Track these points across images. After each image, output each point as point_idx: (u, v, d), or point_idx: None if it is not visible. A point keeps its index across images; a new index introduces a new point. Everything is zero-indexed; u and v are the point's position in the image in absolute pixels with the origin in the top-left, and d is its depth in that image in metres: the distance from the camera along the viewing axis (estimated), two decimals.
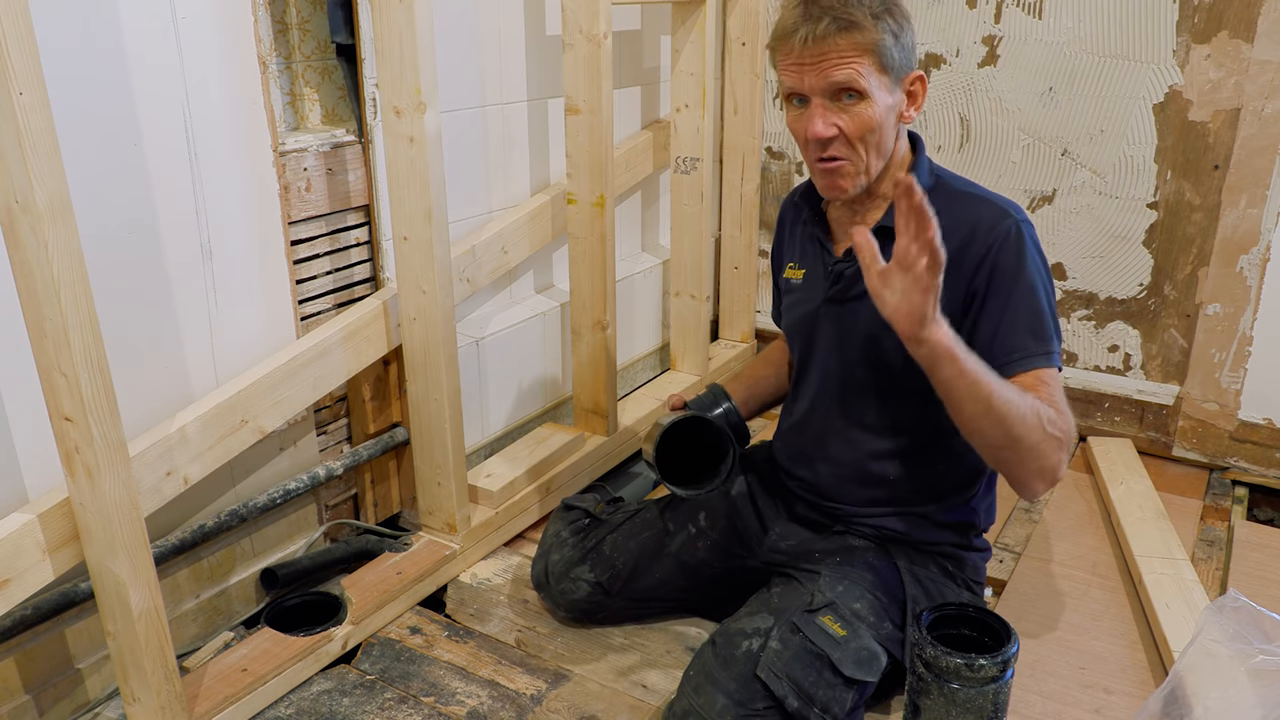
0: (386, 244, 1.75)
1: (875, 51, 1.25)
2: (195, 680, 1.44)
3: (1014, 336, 1.28)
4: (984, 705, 1.23)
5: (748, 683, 1.28)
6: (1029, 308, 1.28)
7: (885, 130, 1.30)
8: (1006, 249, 1.28)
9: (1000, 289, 1.29)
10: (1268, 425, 2.10)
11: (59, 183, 1.06)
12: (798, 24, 1.26)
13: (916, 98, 1.33)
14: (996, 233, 1.29)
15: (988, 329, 1.29)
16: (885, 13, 1.26)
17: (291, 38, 1.61)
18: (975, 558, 1.50)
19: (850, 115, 1.27)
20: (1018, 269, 1.28)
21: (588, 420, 2.12)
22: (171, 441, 1.40)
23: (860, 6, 1.25)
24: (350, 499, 1.87)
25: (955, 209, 1.31)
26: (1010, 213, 1.31)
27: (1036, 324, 1.28)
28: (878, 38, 1.25)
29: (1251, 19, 1.93)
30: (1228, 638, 1.26)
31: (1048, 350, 1.28)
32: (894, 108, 1.30)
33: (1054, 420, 1.23)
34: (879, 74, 1.27)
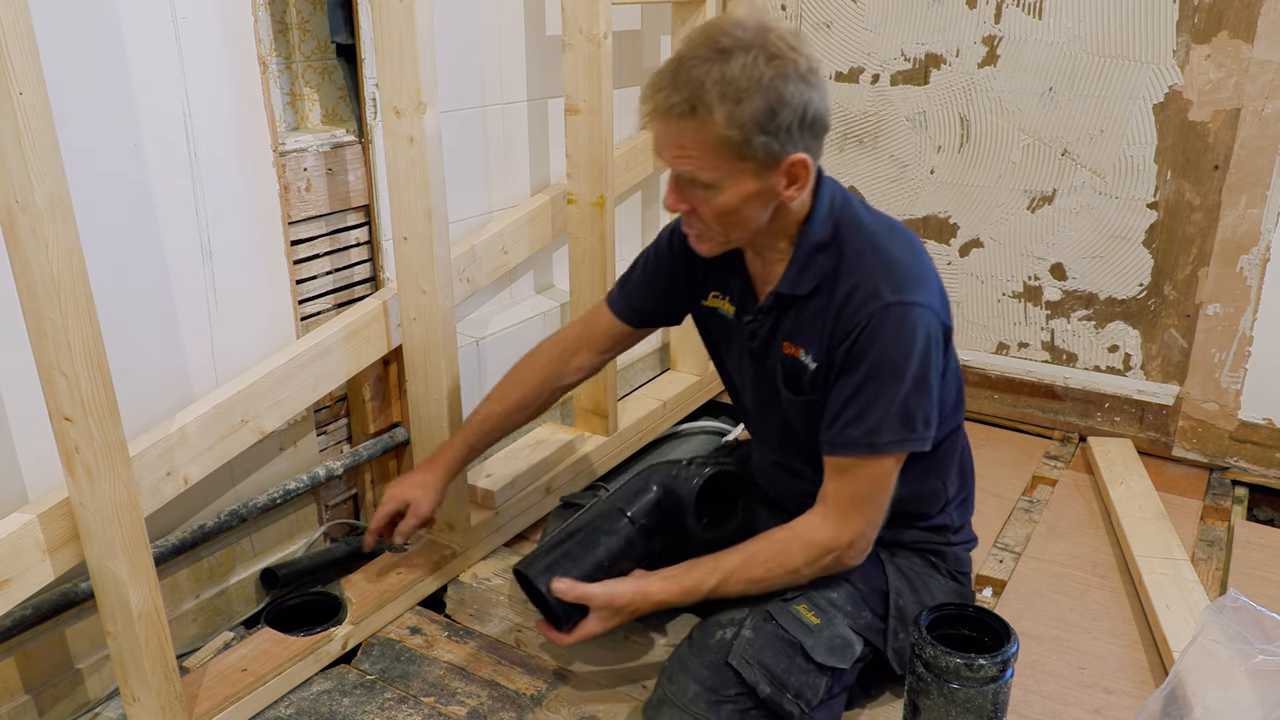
0: (386, 244, 1.75)
1: (724, 144, 1.15)
2: (195, 680, 1.44)
3: (841, 421, 1.27)
4: (984, 705, 1.23)
5: (720, 670, 1.29)
6: (867, 394, 1.24)
7: (747, 213, 1.23)
8: (865, 333, 1.24)
9: (849, 369, 1.26)
10: (1268, 425, 2.10)
11: (59, 183, 1.06)
12: (651, 90, 1.17)
13: (799, 178, 1.22)
14: (862, 313, 1.24)
15: (831, 404, 1.29)
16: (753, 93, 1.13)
17: (291, 38, 1.61)
18: (957, 550, 1.51)
19: (698, 201, 1.22)
20: (867, 354, 1.24)
21: (588, 420, 2.12)
22: (171, 441, 1.40)
23: (718, 87, 1.13)
24: (350, 499, 1.87)
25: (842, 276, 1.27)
26: (884, 293, 1.23)
27: (866, 413, 1.25)
28: (725, 134, 1.14)
29: (1251, 19, 1.93)
30: (1228, 638, 1.26)
31: (870, 442, 1.25)
32: (762, 193, 1.21)
33: (802, 564, 1.30)
34: (734, 161, 1.17)
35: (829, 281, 1.29)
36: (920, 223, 2.42)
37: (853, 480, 1.28)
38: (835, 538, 1.29)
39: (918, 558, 1.46)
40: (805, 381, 1.34)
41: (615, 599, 1.29)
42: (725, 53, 1.14)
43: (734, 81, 1.13)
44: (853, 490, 1.29)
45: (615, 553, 1.36)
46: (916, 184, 2.39)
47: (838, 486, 1.29)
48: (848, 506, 1.29)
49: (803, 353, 1.33)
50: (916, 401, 1.25)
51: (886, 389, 1.24)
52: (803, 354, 1.33)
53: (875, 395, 1.24)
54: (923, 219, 2.41)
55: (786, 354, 1.35)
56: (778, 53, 1.14)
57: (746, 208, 1.23)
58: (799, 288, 1.30)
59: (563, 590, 1.29)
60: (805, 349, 1.32)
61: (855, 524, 1.29)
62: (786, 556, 1.30)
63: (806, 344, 1.32)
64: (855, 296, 1.25)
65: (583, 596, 1.29)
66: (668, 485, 1.43)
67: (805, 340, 1.32)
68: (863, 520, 1.30)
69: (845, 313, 1.26)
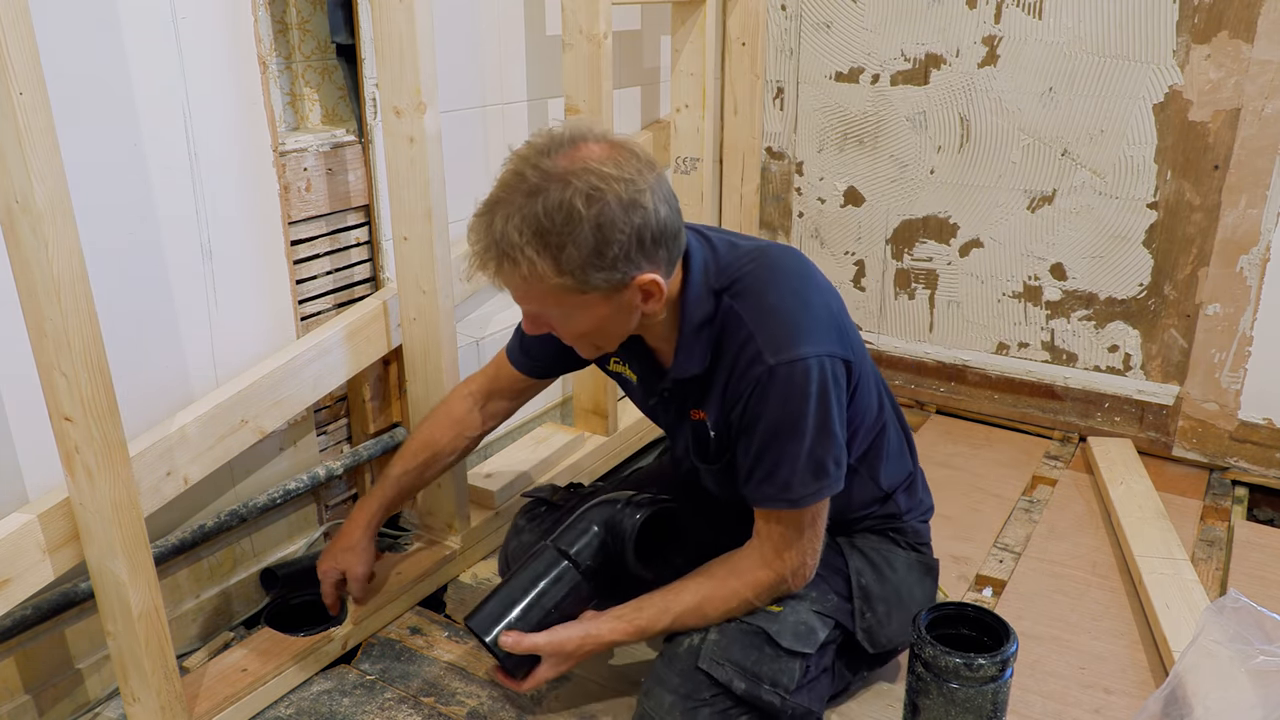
0: (386, 244, 1.75)
1: (559, 289, 1.11)
2: (195, 680, 1.44)
3: (754, 482, 1.27)
4: (983, 705, 1.23)
5: (691, 675, 1.29)
6: (772, 456, 1.24)
7: (609, 329, 1.21)
8: (754, 399, 1.23)
9: (748, 433, 1.26)
10: (1268, 425, 2.10)
11: (59, 183, 1.06)
12: (472, 242, 1.13)
13: (653, 294, 1.17)
14: (746, 381, 1.23)
15: (739, 464, 1.29)
16: (573, 237, 1.07)
17: (291, 38, 1.61)
18: (913, 522, 1.51)
19: (556, 325, 1.20)
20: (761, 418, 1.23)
21: (588, 420, 2.12)
22: (171, 441, 1.40)
23: (535, 241, 1.07)
24: (350, 499, 1.87)
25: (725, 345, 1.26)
26: (765, 357, 1.20)
27: (774, 474, 1.24)
28: (556, 281, 1.10)
29: (1251, 19, 1.93)
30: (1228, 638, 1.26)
31: (788, 498, 1.25)
32: (618, 310, 1.17)
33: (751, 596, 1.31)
34: (576, 296, 1.12)
35: (717, 351, 1.28)
36: (920, 223, 2.42)
37: (780, 525, 1.29)
38: (778, 575, 1.31)
39: (875, 536, 1.47)
40: (711, 450, 1.35)
41: (563, 645, 1.29)
42: (535, 193, 1.08)
43: (550, 231, 1.07)
44: (782, 533, 1.29)
45: (561, 599, 1.34)
46: (916, 184, 2.39)
47: (768, 530, 1.30)
48: (781, 545, 1.30)
49: (707, 417, 1.33)
50: (824, 450, 1.24)
51: (789, 448, 1.23)
52: (707, 419, 1.33)
53: (779, 455, 1.24)
54: (923, 219, 2.41)
55: (696, 419, 1.36)
56: (593, 185, 1.07)
57: (607, 325, 1.20)
58: (690, 368, 1.29)
59: (510, 644, 1.29)
60: (709, 414, 1.33)
61: (792, 558, 1.30)
62: (737, 595, 1.31)
63: (709, 409, 1.33)
64: (739, 361, 1.24)
65: (531, 648, 1.29)
66: (609, 524, 1.40)
67: (707, 407, 1.33)
68: (797, 554, 1.30)
69: (733, 378, 1.26)
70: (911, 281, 2.48)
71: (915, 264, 2.46)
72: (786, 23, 2.44)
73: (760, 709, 1.29)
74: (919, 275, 2.47)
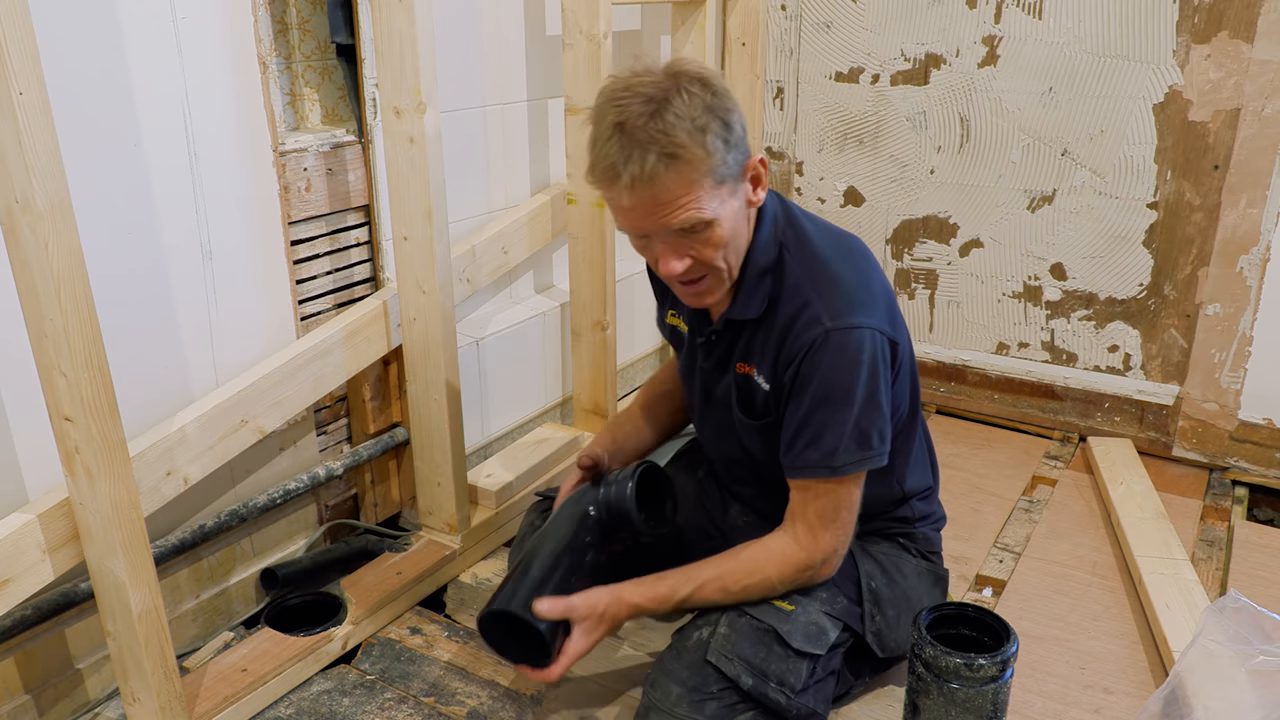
0: (386, 244, 1.75)
1: (708, 174, 1.15)
2: (195, 680, 1.44)
3: (798, 447, 1.28)
4: (984, 705, 1.23)
5: (700, 668, 1.29)
6: (819, 420, 1.26)
7: (739, 235, 1.25)
8: (808, 360, 1.25)
9: (798, 395, 1.27)
10: (1268, 425, 2.10)
11: (59, 183, 1.06)
12: (617, 164, 1.13)
13: (761, 179, 1.25)
14: (802, 341, 1.25)
15: (785, 429, 1.30)
16: (708, 116, 1.14)
17: (291, 38, 1.61)
18: (925, 530, 1.52)
19: (701, 243, 1.20)
20: (813, 380, 1.25)
21: (588, 420, 2.12)
22: (171, 441, 1.40)
23: (681, 124, 1.12)
24: (350, 499, 1.87)
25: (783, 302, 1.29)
26: (823, 319, 1.24)
27: (820, 438, 1.26)
28: (708, 161, 1.14)
29: (1251, 19, 1.93)
30: (1228, 638, 1.26)
31: (829, 465, 1.26)
32: (741, 208, 1.23)
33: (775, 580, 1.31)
34: (718, 188, 1.17)
35: (774, 304, 1.30)
36: (920, 223, 2.42)
37: (817, 500, 1.29)
38: (809, 557, 1.30)
39: (886, 541, 1.48)
40: (759, 403, 1.35)
41: (595, 605, 1.29)
42: (660, 100, 1.13)
43: (686, 118, 1.13)
44: (819, 510, 1.29)
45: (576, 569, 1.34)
46: (916, 184, 2.39)
47: (804, 506, 1.30)
48: (817, 525, 1.30)
49: (756, 372, 1.34)
50: (870, 421, 1.26)
51: (837, 413, 1.25)
52: (756, 374, 1.34)
53: (827, 420, 1.25)
54: (923, 219, 2.41)
55: (741, 373, 1.36)
56: (697, 76, 1.15)
57: (739, 228, 1.24)
58: (747, 312, 1.31)
59: (546, 609, 1.26)
60: (758, 369, 1.33)
61: (826, 542, 1.30)
62: (761, 573, 1.31)
63: (759, 364, 1.33)
64: (798, 322, 1.26)
65: (566, 609, 1.28)
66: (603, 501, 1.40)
67: (758, 361, 1.33)
68: (832, 538, 1.31)
69: (789, 338, 1.27)
70: (911, 281, 2.48)
71: (915, 264, 2.46)
72: (786, 23, 2.44)
73: (765, 707, 1.29)
74: (919, 275, 2.47)
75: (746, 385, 1.35)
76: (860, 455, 1.27)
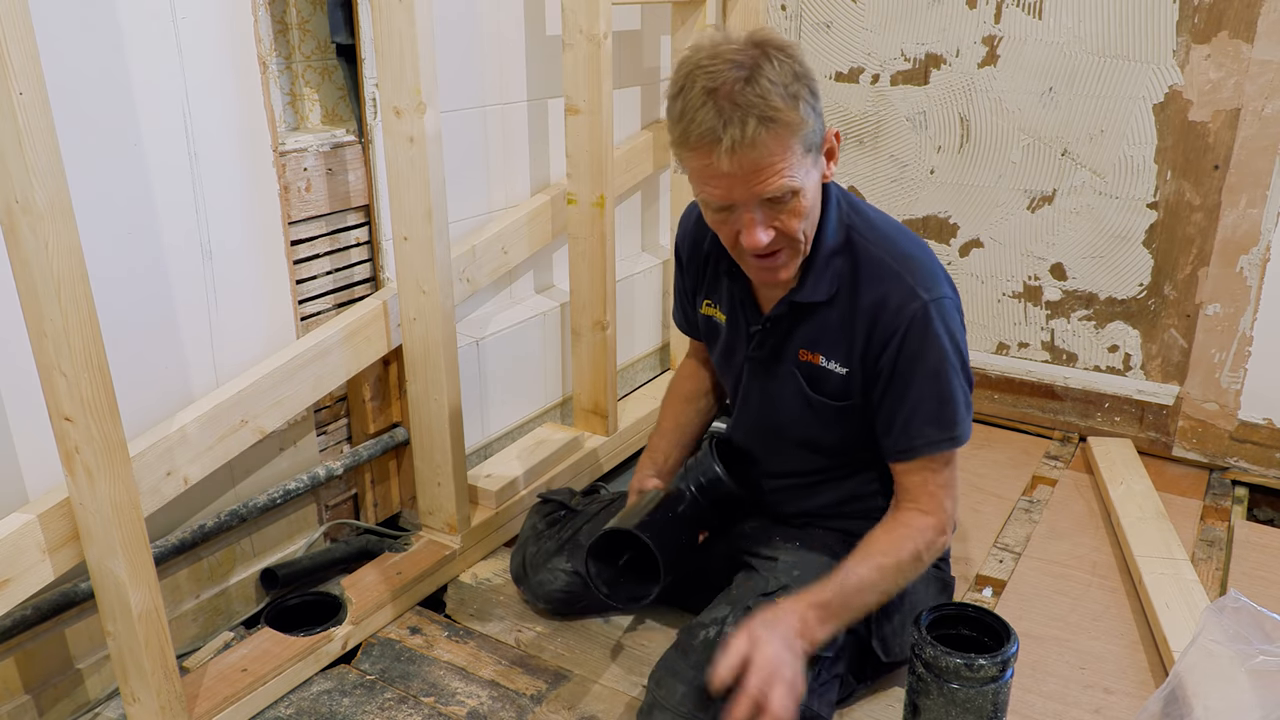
0: (386, 244, 1.75)
1: (800, 138, 1.15)
2: (195, 680, 1.44)
3: (916, 425, 1.29)
4: (984, 705, 1.23)
5: (706, 668, 1.28)
6: (933, 393, 1.28)
7: (817, 208, 1.26)
8: (912, 335, 1.26)
9: (904, 375, 1.28)
10: (1268, 425, 2.10)
11: (59, 183, 1.06)
12: (716, 129, 1.12)
13: (834, 153, 1.26)
14: (902, 316, 1.26)
15: (891, 412, 1.30)
16: (797, 85, 1.14)
17: (291, 38, 1.61)
18: None
19: (786, 213, 1.20)
20: (922, 355, 1.27)
21: (588, 420, 2.12)
22: (171, 441, 1.40)
23: (774, 91, 1.12)
24: (350, 499, 1.87)
25: (863, 282, 1.29)
26: (919, 292, 1.26)
27: (940, 411, 1.28)
28: (801, 127, 1.15)
29: (1251, 19, 1.93)
30: (1228, 638, 1.26)
31: (951, 435, 1.29)
32: (819, 180, 1.24)
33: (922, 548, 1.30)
34: (805, 156, 1.17)
35: (847, 287, 1.30)
36: (920, 223, 2.42)
37: (937, 474, 1.31)
38: (940, 521, 1.32)
39: None
40: (834, 387, 1.35)
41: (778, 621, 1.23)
42: (751, 67, 1.13)
43: (780, 84, 1.13)
44: (943, 481, 1.31)
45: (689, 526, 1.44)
46: (916, 184, 2.39)
47: (925, 482, 1.31)
48: (940, 494, 1.32)
49: (823, 359, 1.34)
50: (968, 388, 1.31)
51: (949, 384, 1.27)
52: (823, 360, 1.34)
53: (942, 392, 1.27)
54: (923, 219, 2.41)
55: (804, 360, 1.36)
56: (781, 45, 1.17)
57: (817, 200, 1.25)
58: (816, 295, 1.31)
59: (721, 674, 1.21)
60: (827, 356, 1.33)
61: (950, 504, 1.33)
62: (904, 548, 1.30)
63: (829, 351, 1.33)
64: (890, 301, 1.27)
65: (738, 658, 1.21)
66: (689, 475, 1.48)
67: (827, 347, 1.33)
68: (952, 499, 1.33)
69: (881, 319, 1.27)
70: None
71: None
72: (786, 23, 2.44)
73: None
74: None
75: (813, 373, 1.35)
76: (969, 419, 1.30)
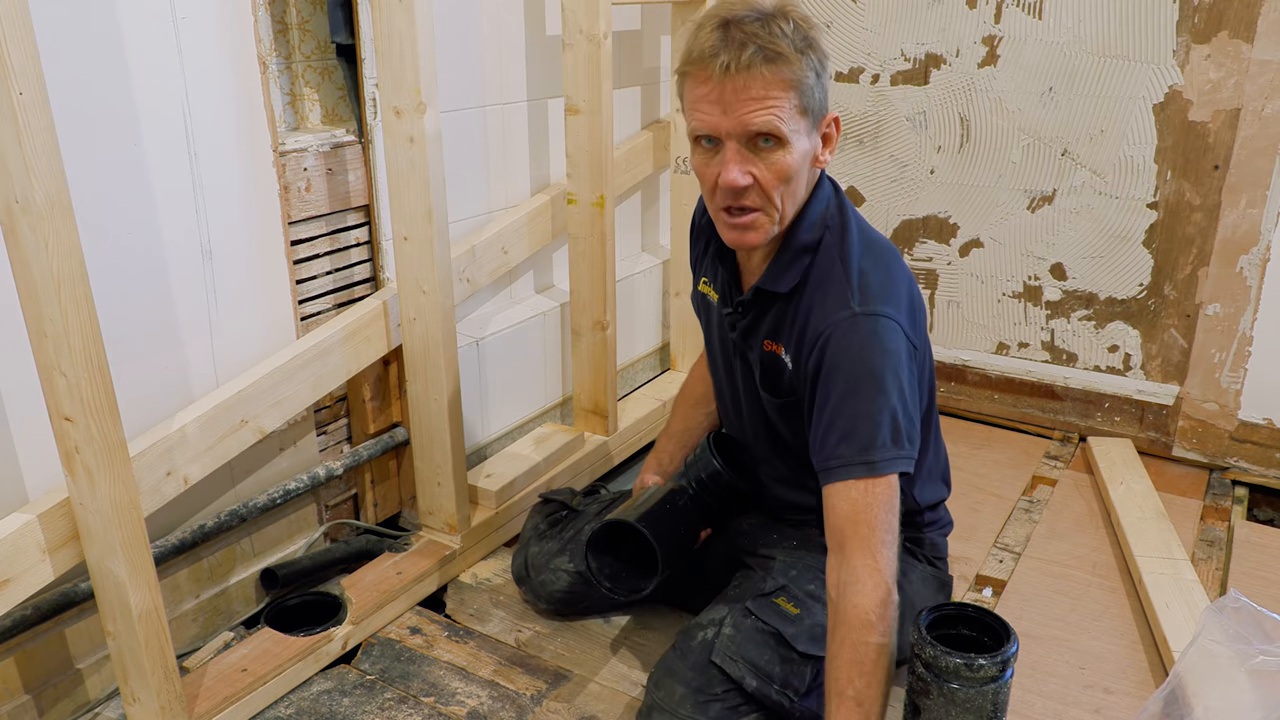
0: (386, 244, 1.75)
1: (798, 89, 1.17)
2: (195, 680, 1.44)
3: (831, 442, 1.20)
4: (984, 705, 1.23)
5: (704, 669, 1.29)
6: (850, 410, 1.19)
7: (800, 178, 1.24)
8: (832, 345, 1.21)
9: (824, 385, 1.22)
10: (1268, 425, 2.10)
11: (59, 183, 1.06)
12: (717, 49, 1.15)
13: (831, 140, 1.26)
14: (826, 324, 1.22)
15: (814, 426, 1.24)
16: (808, 48, 1.18)
17: (291, 38, 1.61)
18: (933, 535, 1.51)
19: (767, 163, 1.20)
20: (839, 368, 1.21)
21: (588, 420, 2.12)
22: (171, 441, 1.40)
23: (784, 38, 1.16)
24: (350, 499, 1.87)
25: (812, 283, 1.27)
26: (851, 304, 1.22)
27: (854, 429, 1.19)
28: (802, 74, 1.17)
29: (1251, 19, 1.93)
30: (1228, 638, 1.26)
31: (868, 460, 1.18)
32: (809, 153, 1.23)
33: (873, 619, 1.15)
34: (799, 116, 1.19)
35: (803, 285, 1.29)
36: (920, 223, 2.42)
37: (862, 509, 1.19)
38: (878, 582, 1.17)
39: None
40: (784, 382, 1.34)
41: None
42: (769, 15, 1.17)
43: (793, 35, 1.17)
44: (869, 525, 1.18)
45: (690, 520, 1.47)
46: (916, 184, 2.39)
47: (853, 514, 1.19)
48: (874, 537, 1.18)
49: (783, 350, 1.33)
50: (904, 415, 1.21)
51: (869, 403, 1.19)
52: (783, 352, 1.33)
53: (859, 410, 1.19)
54: (923, 219, 2.41)
55: (767, 351, 1.35)
56: (806, 17, 1.21)
57: (801, 174, 1.23)
58: (778, 285, 1.30)
59: None
60: (785, 348, 1.33)
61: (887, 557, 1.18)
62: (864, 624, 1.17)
63: (786, 342, 1.32)
64: (822, 307, 1.24)
65: None
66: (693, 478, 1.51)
67: (785, 338, 1.32)
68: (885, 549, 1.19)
69: (811, 320, 1.25)
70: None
71: (915, 264, 2.46)
72: None
73: (769, 709, 1.29)
74: (919, 275, 2.46)
75: (773, 364, 1.34)
76: (895, 452, 1.19)
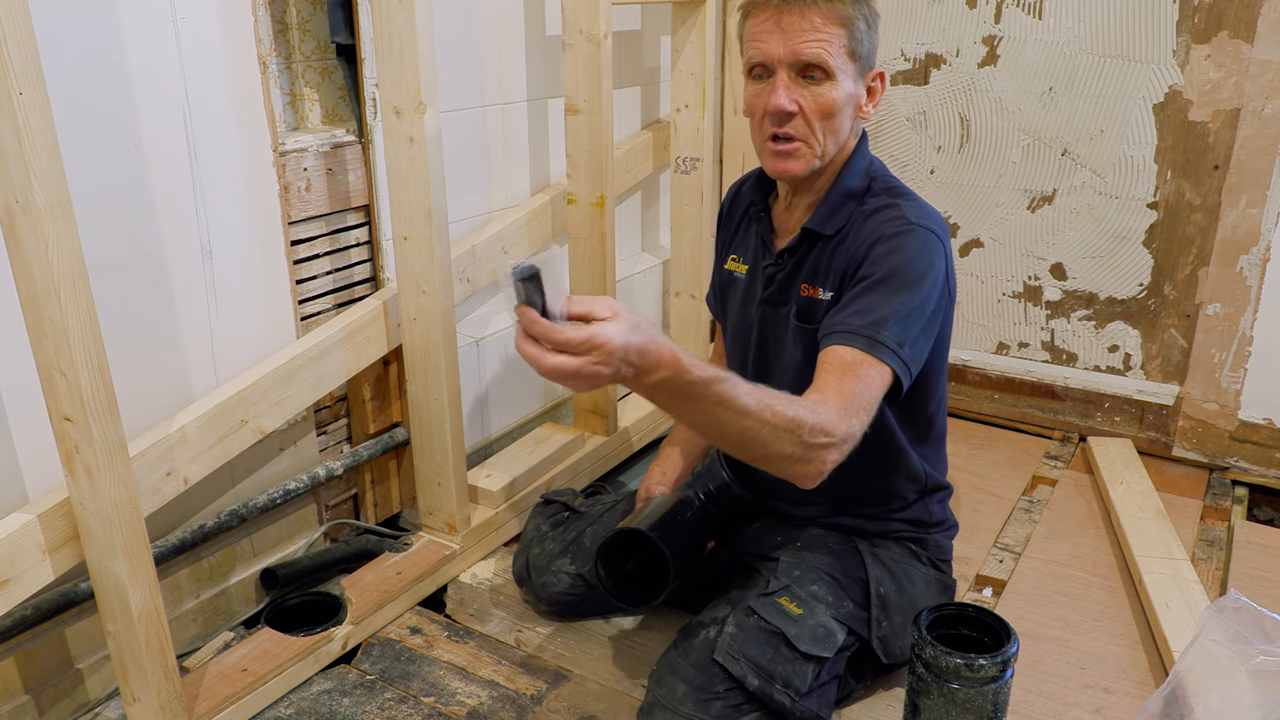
0: (386, 244, 1.75)
1: (849, 29, 1.27)
2: (195, 680, 1.44)
3: (845, 312, 1.25)
4: (984, 705, 1.23)
5: (706, 667, 1.29)
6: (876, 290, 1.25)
7: (844, 117, 1.31)
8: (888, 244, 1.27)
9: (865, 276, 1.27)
10: (1268, 425, 2.10)
11: (59, 183, 1.06)
12: None
13: (875, 94, 1.35)
14: (885, 229, 1.29)
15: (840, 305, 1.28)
16: (862, 3, 1.29)
17: (291, 38, 1.61)
18: (938, 537, 1.52)
19: (813, 95, 1.28)
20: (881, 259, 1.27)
21: (588, 420, 2.12)
22: (171, 441, 1.40)
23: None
24: (350, 499, 1.87)
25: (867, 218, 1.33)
26: (913, 221, 1.29)
27: (872, 307, 1.22)
28: (854, 22, 1.27)
29: (1251, 19, 1.93)
30: (1228, 638, 1.26)
31: (871, 336, 1.19)
32: (854, 98, 1.32)
33: (821, 428, 1.09)
34: (847, 58, 1.28)
35: (853, 227, 1.34)
36: None
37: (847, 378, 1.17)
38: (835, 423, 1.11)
39: (898, 547, 1.48)
40: (819, 314, 1.35)
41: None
42: None
43: None
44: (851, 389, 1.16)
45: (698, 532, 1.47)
46: (916, 184, 2.38)
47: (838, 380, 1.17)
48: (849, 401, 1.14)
49: (821, 291, 1.36)
50: (918, 319, 1.24)
51: (896, 295, 1.24)
52: (821, 293, 1.36)
53: (884, 298, 1.24)
54: None
55: (804, 295, 1.38)
56: None
57: (844, 111, 1.31)
58: (826, 227, 1.35)
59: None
60: (823, 288, 1.36)
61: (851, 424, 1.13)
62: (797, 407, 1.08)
63: (824, 283, 1.35)
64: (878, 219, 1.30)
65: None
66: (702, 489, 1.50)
67: (823, 279, 1.36)
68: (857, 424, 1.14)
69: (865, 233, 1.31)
70: None
71: None
72: None
73: (770, 708, 1.29)
74: None
75: (810, 307, 1.37)
76: (896, 344, 1.19)
